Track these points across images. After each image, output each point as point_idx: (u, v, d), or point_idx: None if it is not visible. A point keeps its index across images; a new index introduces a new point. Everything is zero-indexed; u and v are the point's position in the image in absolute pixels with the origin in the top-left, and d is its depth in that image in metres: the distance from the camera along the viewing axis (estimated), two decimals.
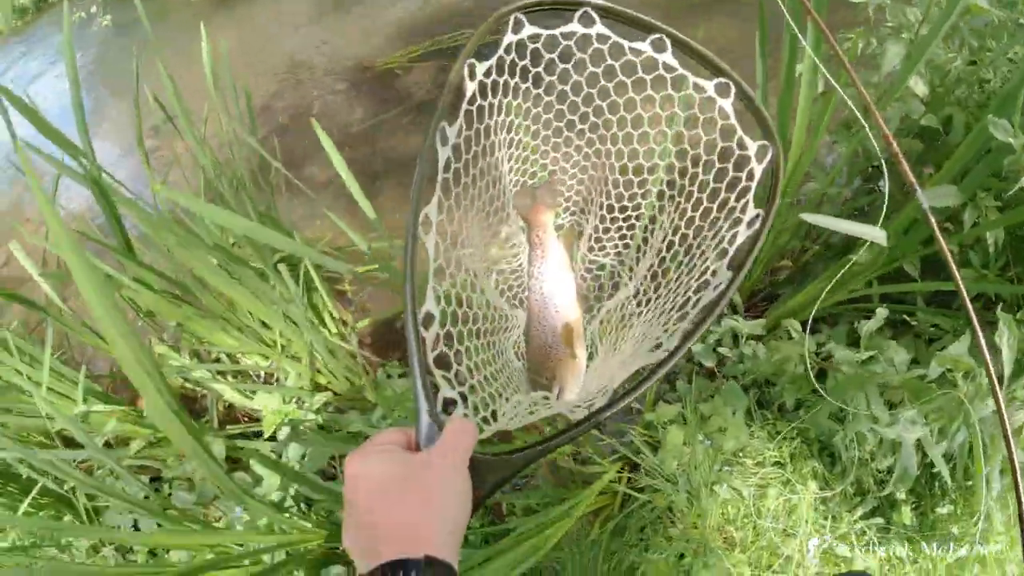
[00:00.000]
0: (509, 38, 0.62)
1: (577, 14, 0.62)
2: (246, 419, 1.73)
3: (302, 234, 1.99)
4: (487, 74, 0.62)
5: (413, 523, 0.45)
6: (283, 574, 1.16)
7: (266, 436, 1.52)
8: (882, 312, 1.18)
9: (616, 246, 0.91)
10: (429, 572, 0.43)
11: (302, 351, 1.51)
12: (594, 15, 0.63)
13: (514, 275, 0.88)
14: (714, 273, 0.63)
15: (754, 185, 0.65)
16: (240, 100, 1.46)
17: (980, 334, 0.63)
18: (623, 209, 0.87)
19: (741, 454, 1.40)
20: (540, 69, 0.70)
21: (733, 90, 0.64)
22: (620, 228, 0.89)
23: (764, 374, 1.44)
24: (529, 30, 0.62)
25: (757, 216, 0.63)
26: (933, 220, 0.67)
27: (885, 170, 0.78)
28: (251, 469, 1.36)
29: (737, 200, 0.66)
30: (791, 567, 1.29)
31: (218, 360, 1.74)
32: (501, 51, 0.63)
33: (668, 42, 0.64)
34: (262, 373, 1.77)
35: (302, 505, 1.29)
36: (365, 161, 2.38)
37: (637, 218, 0.87)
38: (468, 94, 0.60)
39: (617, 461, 1.44)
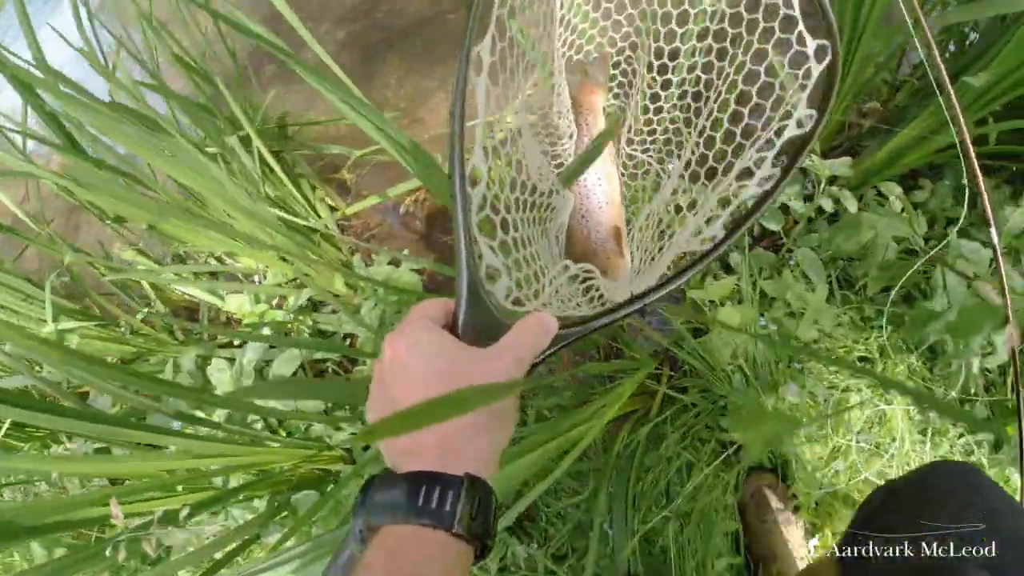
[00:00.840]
0: None
1: None
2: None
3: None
4: None
5: (453, 434, 0.40)
6: (240, 499, 0.99)
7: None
8: None
9: (656, 141, 0.81)
10: (469, 492, 0.38)
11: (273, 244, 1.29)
12: None
13: (557, 160, 0.78)
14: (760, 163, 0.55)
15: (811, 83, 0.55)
16: None
17: None
18: (667, 98, 0.78)
19: (816, 345, 1.09)
20: None
21: None
22: (663, 119, 0.79)
23: (847, 252, 1.10)
24: None
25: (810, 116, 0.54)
26: None
27: None
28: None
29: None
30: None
31: (208, 263, 1.56)
32: None
33: None
34: (257, 277, 1.58)
35: (271, 421, 1.11)
36: (363, 34, 2.10)
37: (681, 108, 0.77)
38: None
39: (655, 357, 1.17)
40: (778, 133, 0.57)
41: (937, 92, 0.71)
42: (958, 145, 0.68)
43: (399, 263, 1.32)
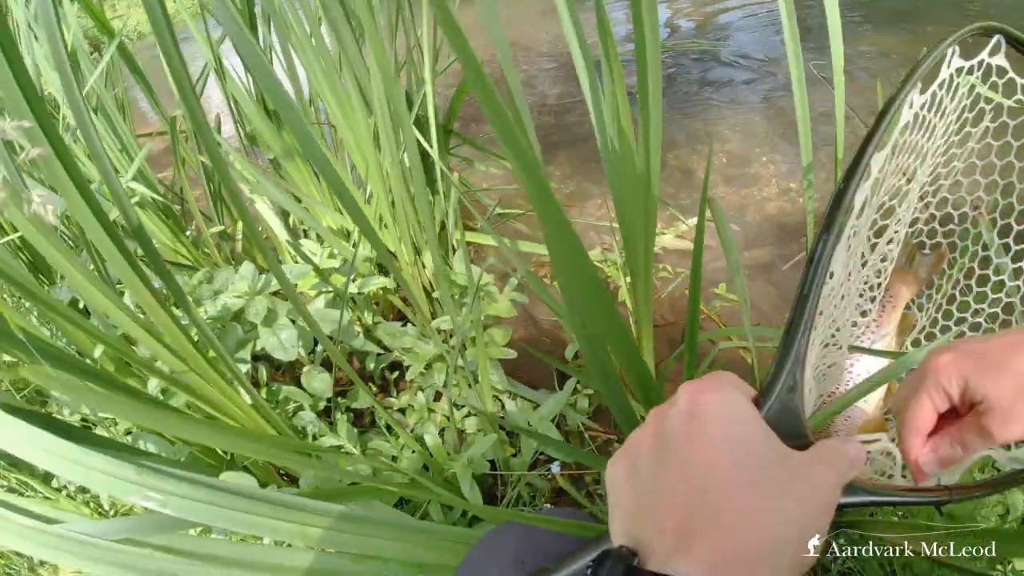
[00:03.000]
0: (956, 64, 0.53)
1: None
2: None
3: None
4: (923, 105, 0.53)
5: (767, 539, 0.27)
6: None
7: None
8: None
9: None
10: None
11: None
12: None
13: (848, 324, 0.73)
14: None
15: None
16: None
17: None
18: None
19: None
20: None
21: None
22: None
23: None
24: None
25: None
26: None
27: None
28: None
29: None
30: None
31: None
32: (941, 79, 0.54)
33: None
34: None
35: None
36: (547, 129, 2.22)
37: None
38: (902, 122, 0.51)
39: None
40: None
41: None
42: None
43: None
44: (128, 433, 1.06)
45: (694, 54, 2.55)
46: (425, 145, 1.04)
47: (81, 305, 1.21)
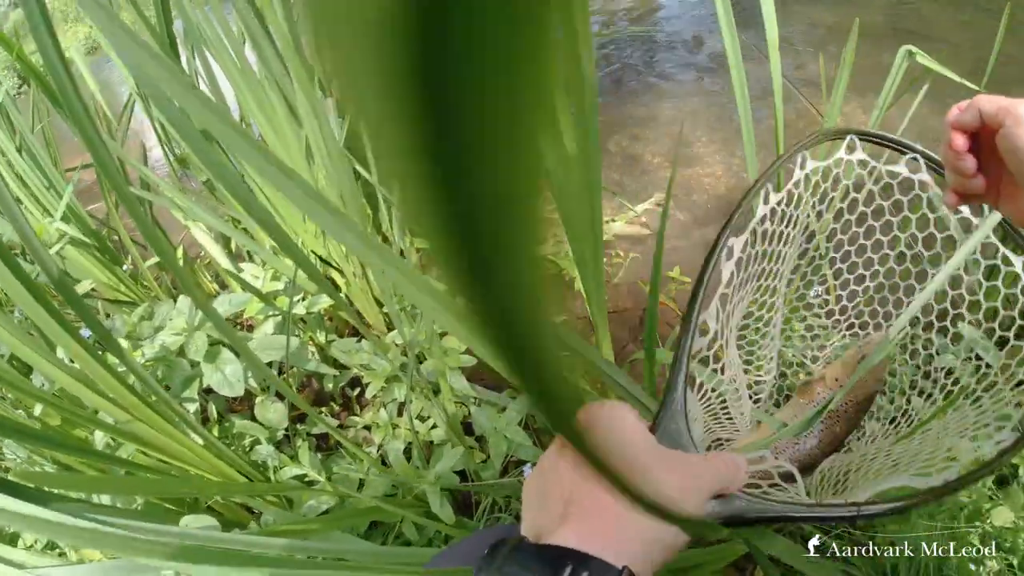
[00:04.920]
0: (811, 165, 0.63)
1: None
2: None
3: None
4: (779, 202, 0.61)
5: (627, 515, 0.33)
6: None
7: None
8: None
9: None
10: None
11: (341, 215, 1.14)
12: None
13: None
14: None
15: None
16: None
17: None
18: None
19: None
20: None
21: None
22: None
23: None
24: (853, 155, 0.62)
25: None
26: None
27: None
28: None
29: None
30: None
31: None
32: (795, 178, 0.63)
33: None
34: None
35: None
36: None
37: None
38: (758, 215, 0.60)
39: None
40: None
41: None
42: None
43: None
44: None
45: (631, 38, 2.57)
46: (358, 165, 1.00)
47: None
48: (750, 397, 0.75)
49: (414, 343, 0.93)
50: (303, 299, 1.12)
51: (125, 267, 1.43)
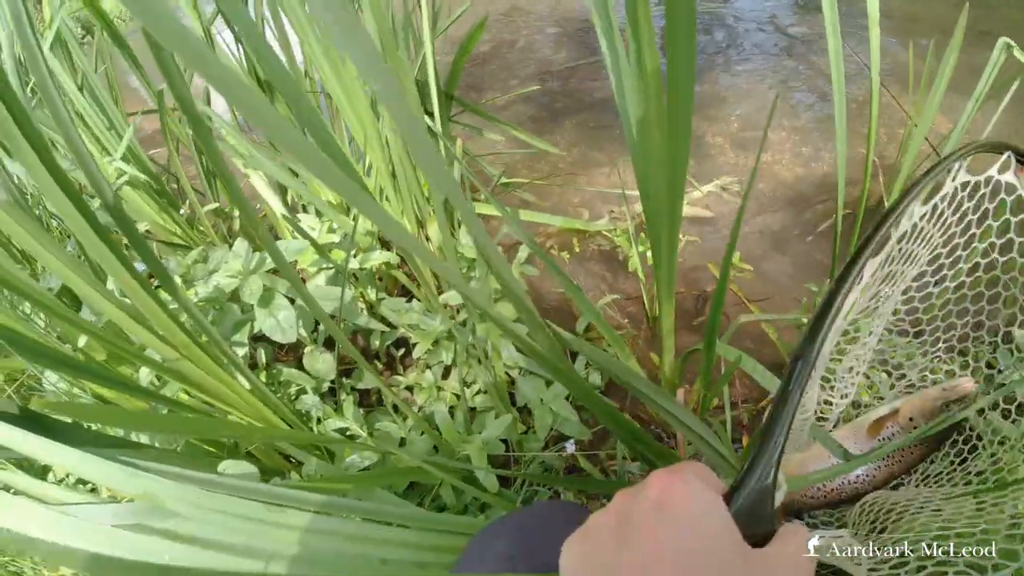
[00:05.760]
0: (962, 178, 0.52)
1: None
2: None
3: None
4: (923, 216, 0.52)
5: None
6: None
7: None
8: None
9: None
10: None
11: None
12: None
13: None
14: None
15: None
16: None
17: None
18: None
19: None
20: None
21: None
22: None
23: None
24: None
25: None
26: None
27: None
28: None
29: None
30: None
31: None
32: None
33: None
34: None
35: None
36: (552, 95, 2.15)
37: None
38: (900, 231, 0.49)
39: None
40: None
41: None
42: None
43: None
44: None
45: (703, 14, 2.46)
46: (428, 120, 0.98)
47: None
48: (815, 414, 0.70)
49: (470, 305, 0.90)
50: (356, 254, 1.11)
51: (182, 211, 1.44)
